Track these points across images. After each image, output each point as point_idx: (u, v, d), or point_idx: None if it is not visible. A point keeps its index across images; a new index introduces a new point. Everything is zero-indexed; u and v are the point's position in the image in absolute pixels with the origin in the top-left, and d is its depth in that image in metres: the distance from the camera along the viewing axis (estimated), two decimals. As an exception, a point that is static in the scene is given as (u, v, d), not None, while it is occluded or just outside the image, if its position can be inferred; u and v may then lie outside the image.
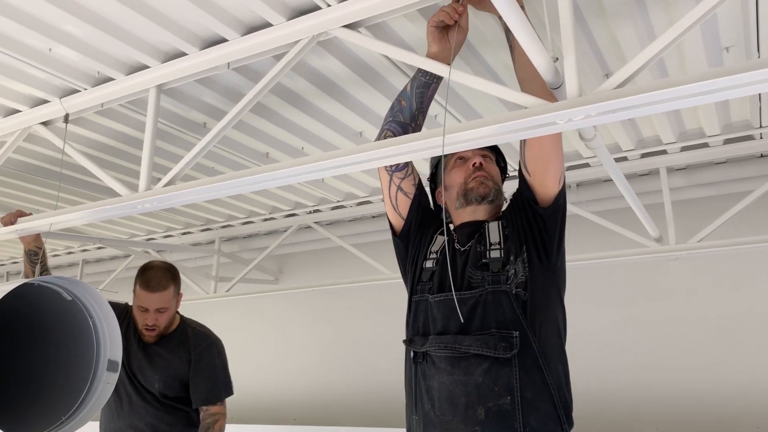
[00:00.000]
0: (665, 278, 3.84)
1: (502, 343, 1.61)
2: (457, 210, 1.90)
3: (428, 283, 1.80)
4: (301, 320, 5.17)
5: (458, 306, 1.67)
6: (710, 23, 2.24)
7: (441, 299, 1.74)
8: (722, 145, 3.29)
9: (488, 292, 1.68)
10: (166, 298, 2.77)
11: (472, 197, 1.85)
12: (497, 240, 1.76)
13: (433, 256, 1.86)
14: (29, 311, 2.37)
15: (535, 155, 1.71)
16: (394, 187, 1.90)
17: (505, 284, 1.67)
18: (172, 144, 3.11)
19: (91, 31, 2.08)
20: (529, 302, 1.66)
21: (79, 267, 5.74)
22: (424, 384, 1.71)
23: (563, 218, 1.75)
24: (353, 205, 4.33)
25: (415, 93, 1.84)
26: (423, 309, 1.79)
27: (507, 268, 1.70)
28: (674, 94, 1.40)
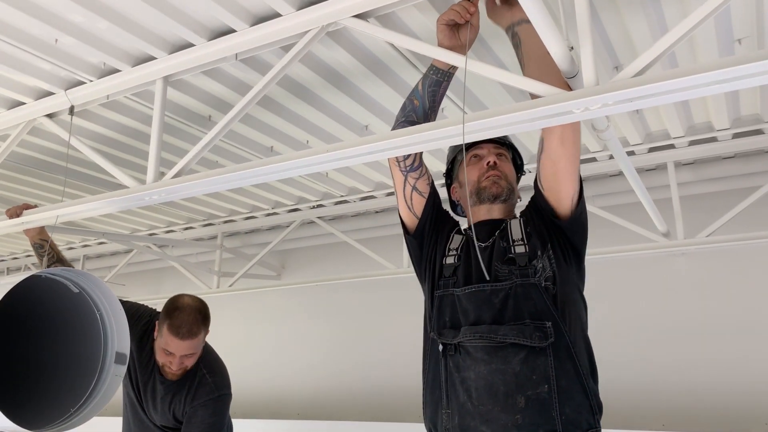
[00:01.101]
0: (672, 273, 3.82)
1: (537, 333, 1.63)
2: (471, 207, 1.92)
3: (452, 278, 1.81)
4: (304, 315, 5.15)
5: (491, 297, 1.69)
6: (723, 15, 2.23)
7: (472, 291, 1.74)
8: (731, 139, 3.27)
9: (518, 285, 1.69)
10: (195, 345, 2.58)
11: (485, 196, 1.86)
12: (520, 237, 1.78)
13: (453, 253, 1.87)
14: (37, 303, 2.35)
15: (548, 174, 1.72)
16: (409, 187, 1.90)
17: (533, 277, 1.70)
18: (176, 137, 3.08)
19: (98, 22, 2.06)
20: (559, 295, 1.69)
21: (81, 262, 5.72)
22: (458, 376, 1.70)
23: (584, 228, 1.79)
24: (357, 199, 4.30)
25: (427, 92, 1.83)
26: (449, 303, 1.79)
27: (534, 263, 1.72)
28: (692, 83, 1.39)
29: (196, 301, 2.65)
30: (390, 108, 2.88)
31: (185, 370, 2.65)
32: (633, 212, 3.56)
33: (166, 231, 5.09)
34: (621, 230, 3.54)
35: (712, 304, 3.69)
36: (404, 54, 2.41)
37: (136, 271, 6.08)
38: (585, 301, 1.81)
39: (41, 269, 2.20)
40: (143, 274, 6.15)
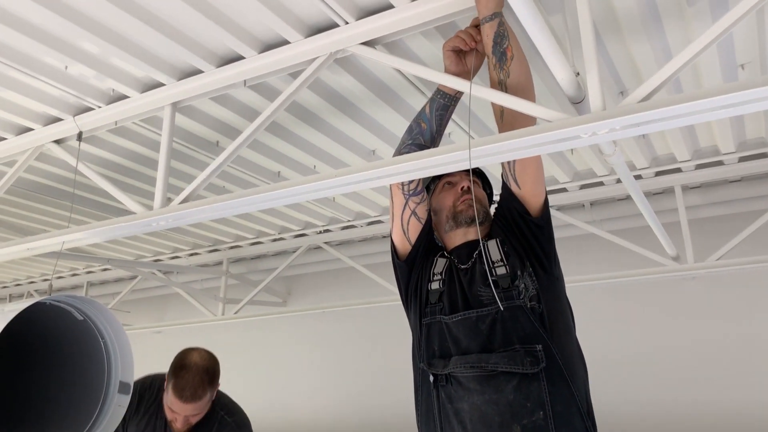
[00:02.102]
0: (683, 297, 3.80)
1: (528, 358, 1.60)
2: (447, 233, 1.91)
3: (438, 305, 1.79)
4: (310, 342, 5.12)
5: (477, 323, 1.67)
6: (726, 41, 2.24)
7: (459, 319, 1.72)
8: (737, 163, 3.27)
9: (504, 308, 1.67)
10: (199, 407, 2.51)
11: (461, 219, 1.86)
12: (498, 257, 1.76)
13: (438, 278, 1.85)
14: (41, 331, 2.34)
15: (525, 167, 1.73)
16: (409, 211, 1.88)
17: (518, 299, 1.68)
18: (183, 162, 3.10)
19: (108, 49, 2.08)
20: (546, 314, 1.67)
21: (84, 289, 5.71)
22: (451, 407, 1.67)
23: (551, 231, 1.81)
24: (364, 224, 4.30)
25: (434, 115, 1.84)
26: (437, 331, 1.76)
27: (516, 283, 1.70)
28: (698, 108, 1.39)
29: (204, 359, 2.57)
30: (397, 133, 2.89)
31: (191, 426, 2.59)
32: (641, 236, 3.55)
33: (171, 257, 5.09)
34: (630, 254, 3.52)
35: (722, 327, 3.65)
36: (411, 80, 2.43)
37: (140, 298, 6.07)
38: (570, 305, 1.79)
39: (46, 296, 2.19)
40: (147, 301, 6.13)
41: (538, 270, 1.73)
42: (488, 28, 1.64)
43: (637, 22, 2.07)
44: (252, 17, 1.95)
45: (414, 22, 1.86)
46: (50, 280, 4.53)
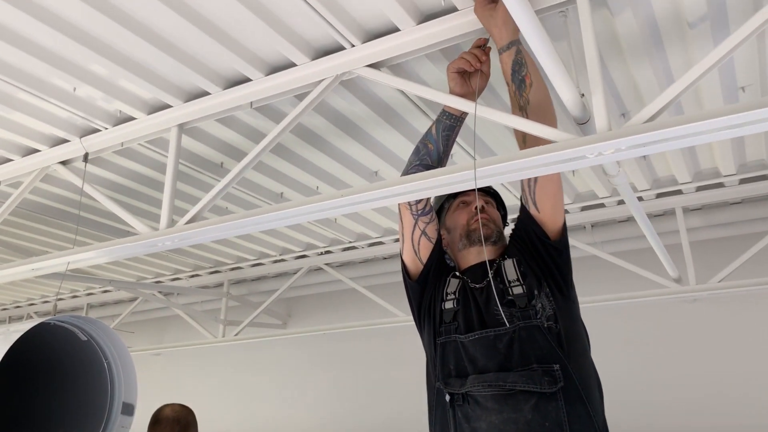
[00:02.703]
0: (684, 319, 3.79)
1: (545, 378, 1.59)
2: (460, 251, 1.92)
3: (453, 324, 1.78)
4: (311, 365, 5.09)
5: (495, 342, 1.66)
6: (727, 64, 2.27)
7: (476, 338, 1.71)
8: (738, 185, 3.29)
9: (520, 328, 1.67)
10: None
11: (475, 237, 1.87)
12: (515, 277, 1.77)
13: (452, 297, 1.84)
14: (45, 351, 2.33)
15: (546, 190, 1.74)
16: (419, 231, 1.89)
17: (535, 318, 1.67)
18: (187, 183, 3.11)
19: (116, 70, 2.11)
20: (563, 334, 1.67)
21: (84, 311, 5.68)
22: (468, 426, 1.65)
23: (569, 255, 1.82)
24: (365, 246, 4.31)
25: (441, 136, 1.85)
26: (452, 350, 1.76)
27: (533, 303, 1.70)
28: (702, 128, 1.41)
29: (177, 412, 2.67)
30: (399, 154, 2.92)
31: None
32: (642, 258, 3.56)
33: (172, 279, 5.08)
34: (631, 276, 3.52)
35: (724, 349, 3.64)
36: (414, 101, 2.45)
37: (141, 320, 6.04)
38: (585, 328, 1.80)
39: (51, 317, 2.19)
40: (147, 323, 6.11)
41: (555, 292, 1.73)
42: (506, 57, 1.66)
43: (639, 45, 2.11)
44: (260, 40, 1.98)
45: (419, 45, 1.89)
46: (54, 301, 4.51)
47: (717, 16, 1.95)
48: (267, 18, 1.86)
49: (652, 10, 1.94)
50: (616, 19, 1.95)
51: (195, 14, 1.85)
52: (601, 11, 1.92)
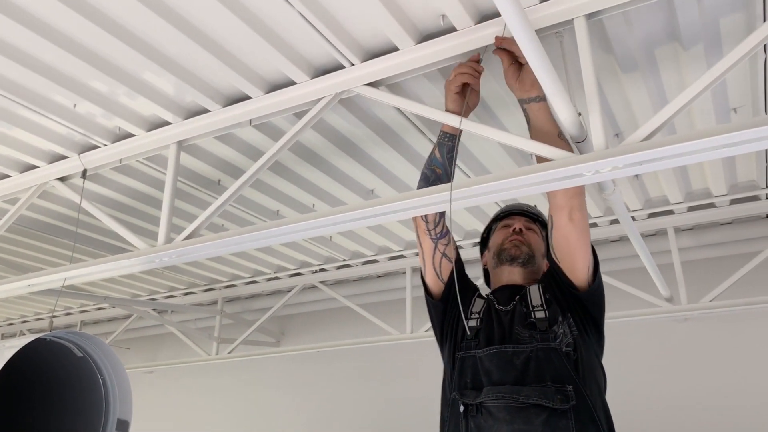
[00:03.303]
0: (676, 338, 3.81)
1: (558, 396, 1.62)
2: (494, 270, 1.99)
3: (474, 340, 1.82)
4: (304, 383, 5.06)
5: (512, 358, 1.70)
6: (719, 85, 2.31)
7: (493, 352, 1.75)
8: (729, 205, 3.33)
9: (539, 349, 1.71)
10: None
11: (504, 257, 1.94)
12: (539, 303, 1.81)
13: (476, 316, 1.90)
14: (41, 367, 2.32)
15: (561, 248, 1.77)
16: (439, 254, 1.94)
17: (554, 342, 1.71)
18: (184, 200, 3.12)
19: (116, 87, 2.13)
20: (580, 362, 1.70)
21: (77, 328, 5.64)
22: None
23: (602, 299, 1.81)
24: (360, 263, 4.31)
25: (446, 159, 1.88)
26: (470, 364, 1.79)
27: (554, 328, 1.74)
28: (697, 147, 1.45)
29: None
30: (396, 173, 2.94)
31: None
32: (634, 277, 3.58)
33: (166, 296, 5.06)
34: (623, 295, 3.53)
35: (715, 368, 3.66)
36: (412, 121, 2.48)
37: (134, 337, 6.00)
38: (604, 370, 1.82)
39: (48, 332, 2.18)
40: (141, 341, 6.06)
41: (580, 327, 1.75)
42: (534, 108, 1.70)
43: (634, 66, 2.15)
44: (260, 58, 2.01)
45: (418, 64, 1.92)
46: (50, 317, 4.48)
47: (710, 37, 1.99)
48: (267, 36, 1.88)
49: (647, 31, 1.98)
50: (612, 40, 2.00)
51: (196, 31, 1.88)
52: (597, 32, 1.95)
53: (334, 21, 1.83)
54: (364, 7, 1.76)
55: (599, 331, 1.82)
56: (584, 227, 1.73)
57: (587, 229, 1.75)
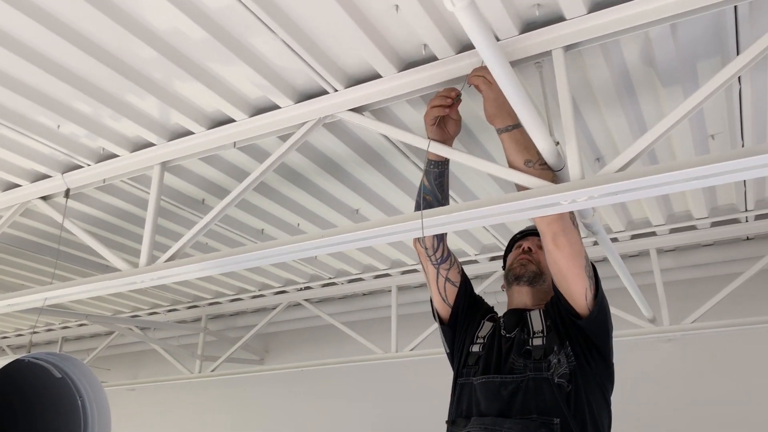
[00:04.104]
0: (658, 359, 3.83)
1: (542, 429, 1.60)
2: (507, 291, 2.00)
3: (474, 367, 1.82)
4: (288, 401, 5.03)
5: (500, 389, 1.69)
6: (697, 112, 2.36)
7: (483, 381, 1.75)
8: (709, 227, 3.37)
9: (530, 379, 1.69)
10: None
11: (510, 277, 1.96)
12: (540, 329, 1.79)
13: (480, 341, 1.90)
14: (19, 387, 2.30)
15: (555, 275, 1.76)
16: (442, 279, 1.95)
17: (546, 372, 1.68)
18: (168, 219, 3.11)
19: (100, 109, 2.13)
20: (573, 394, 1.66)
21: (59, 345, 5.58)
22: None
23: (605, 327, 1.76)
24: (345, 282, 4.31)
25: (435, 185, 1.89)
26: (467, 392, 1.80)
27: (549, 357, 1.71)
28: (672, 179, 1.48)
29: None
30: (381, 194, 2.96)
31: None
32: (617, 298, 3.59)
33: (149, 313, 5.03)
34: (607, 316, 3.56)
35: (698, 388, 3.68)
36: (395, 143, 2.50)
37: (116, 354, 5.94)
38: (609, 406, 1.76)
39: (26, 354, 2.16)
40: (123, 357, 6.00)
41: (580, 355, 1.72)
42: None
43: (613, 95, 2.18)
44: (243, 83, 2.02)
45: (400, 92, 1.95)
46: (31, 333, 4.43)
47: (686, 69, 2.03)
48: (251, 61, 1.90)
49: (625, 62, 2.02)
50: (590, 70, 2.03)
51: (179, 55, 1.89)
52: (576, 62, 1.99)
53: (317, 48, 1.86)
54: (347, 35, 1.78)
55: (605, 360, 1.76)
56: (573, 252, 1.68)
57: (578, 253, 1.69)
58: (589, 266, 1.73)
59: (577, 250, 1.69)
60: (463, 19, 1.08)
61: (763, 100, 2.27)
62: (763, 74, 2.12)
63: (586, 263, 1.72)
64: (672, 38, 1.86)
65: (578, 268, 1.69)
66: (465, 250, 3.69)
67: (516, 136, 1.65)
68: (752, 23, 1.83)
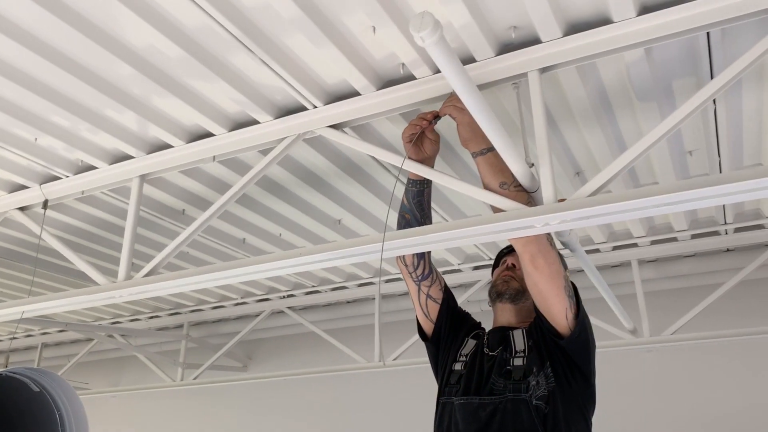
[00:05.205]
0: (639, 370, 3.86)
1: None
2: (492, 308, 1.98)
3: (455, 386, 1.82)
4: (270, 410, 5.01)
5: (478, 410, 1.69)
6: (674, 130, 2.37)
7: (462, 402, 1.75)
8: (690, 239, 3.41)
9: (508, 400, 1.68)
10: None
11: (492, 293, 1.95)
12: (522, 348, 1.78)
13: (463, 359, 1.89)
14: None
15: (535, 295, 1.74)
16: (424, 295, 1.96)
17: (524, 393, 1.68)
18: (150, 230, 3.10)
19: (78, 122, 2.12)
20: (550, 416, 1.65)
21: (38, 350, 5.50)
22: None
23: (586, 347, 1.75)
24: (328, 290, 4.31)
25: (413, 204, 1.90)
26: (448, 411, 1.80)
27: (529, 378, 1.70)
28: (645, 204, 1.50)
29: None
30: (362, 204, 2.96)
31: None
32: (598, 308, 3.62)
33: (131, 319, 5.00)
34: (587, 326, 3.58)
35: (678, 400, 3.72)
36: (376, 158, 2.50)
37: (97, 360, 5.88)
38: (589, 428, 1.75)
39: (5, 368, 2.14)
40: (104, 363, 5.95)
41: (560, 376, 1.70)
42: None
43: (590, 112, 2.20)
44: (223, 99, 2.02)
45: (379, 109, 1.95)
46: (10, 338, 4.39)
47: (662, 88, 2.05)
48: (229, 78, 1.90)
49: (602, 82, 2.03)
50: (567, 89, 2.04)
51: (157, 72, 1.89)
52: (553, 81, 2.00)
53: (295, 66, 1.86)
54: (325, 54, 1.78)
55: (586, 380, 1.75)
56: (551, 273, 1.66)
57: (557, 273, 1.67)
58: (569, 285, 1.73)
59: (555, 270, 1.68)
60: (433, 54, 1.09)
61: (738, 119, 2.30)
62: (737, 95, 2.15)
63: (565, 283, 1.71)
64: (647, 60, 1.88)
65: (558, 289, 1.68)
66: (448, 260, 3.70)
67: (491, 159, 1.66)
68: (724, 47, 1.85)
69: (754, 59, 1.49)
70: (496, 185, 1.65)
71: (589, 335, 1.76)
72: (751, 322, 3.42)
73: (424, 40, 1.03)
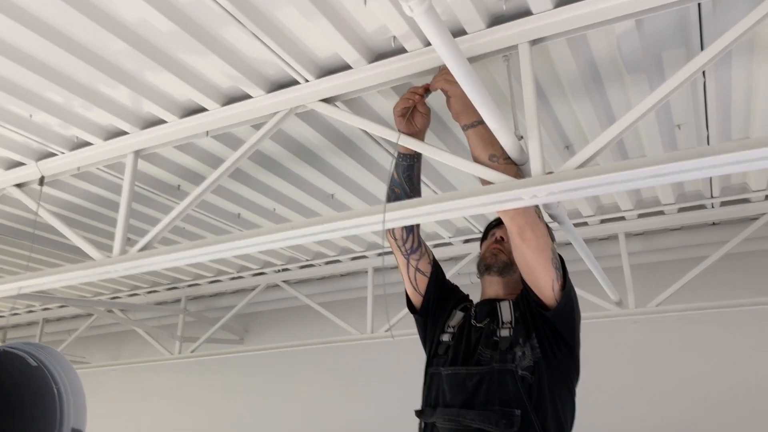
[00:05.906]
0: (624, 341, 3.93)
1: (503, 420, 1.63)
2: (480, 281, 2.01)
3: (443, 357, 1.86)
4: (267, 381, 5.09)
5: (465, 380, 1.73)
6: (663, 103, 2.40)
7: (450, 372, 1.79)
8: (677, 213, 3.45)
9: (494, 370, 1.72)
10: None
11: (481, 266, 1.98)
12: (509, 319, 1.81)
13: (450, 330, 1.93)
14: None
15: (522, 267, 1.78)
16: (413, 269, 1.99)
17: (511, 363, 1.71)
18: (145, 205, 3.12)
19: (72, 99, 2.13)
20: (535, 386, 1.69)
21: (39, 326, 5.56)
22: None
23: (571, 318, 1.79)
24: (322, 264, 4.36)
25: (403, 177, 1.92)
26: (436, 381, 1.84)
27: (515, 349, 1.74)
28: (632, 176, 1.53)
29: None
30: (354, 178, 2.99)
31: None
32: (585, 280, 3.67)
33: (129, 294, 5.04)
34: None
35: (663, 369, 3.79)
36: (369, 132, 2.52)
37: (97, 334, 5.95)
38: (573, 397, 1.80)
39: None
40: (103, 338, 6.02)
41: (546, 347, 1.74)
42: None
43: (580, 86, 2.22)
44: (215, 73, 2.03)
45: (371, 83, 1.97)
46: (10, 314, 4.43)
47: (652, 59, 2.07)
48: (221, 52, 1.91)
49: (592, 54, 2.05)
50: (557, 62, 2.06)
51: (150, 47, 1.90)
52: (543, 54, 2.02)
53: (287, 40, 1.87)
54: (316, 27, 1.79)
55: (571, 351, 1.79)
56: (539, 245, 1.70)
57: (545, 246, 1.71)
58: (556, 258, 1.76)
59: (543, 243, 1.72)
60: (422, 24, 1.11)
61: (727, 92, 2.33)
62: (727, 68, 2.18)
63: (552, 255, 1.74)
64: (637, 32, 1.90)
65: (545, 261, 1.72)
66: (439, 233, 3.74)
67: (481, 132, 1.68)
68: (715, 18, 1.87)
69: (744, 31, 1.49)
70: (486, 158, 1.68)
71: (574, 307, 1.81)
72: (735, 294, 3.48)
73: (413, 9, 1.04)
